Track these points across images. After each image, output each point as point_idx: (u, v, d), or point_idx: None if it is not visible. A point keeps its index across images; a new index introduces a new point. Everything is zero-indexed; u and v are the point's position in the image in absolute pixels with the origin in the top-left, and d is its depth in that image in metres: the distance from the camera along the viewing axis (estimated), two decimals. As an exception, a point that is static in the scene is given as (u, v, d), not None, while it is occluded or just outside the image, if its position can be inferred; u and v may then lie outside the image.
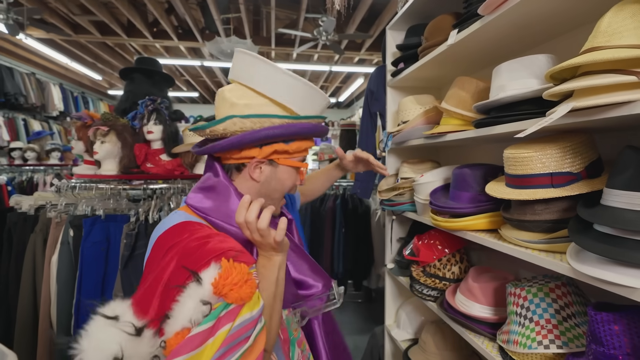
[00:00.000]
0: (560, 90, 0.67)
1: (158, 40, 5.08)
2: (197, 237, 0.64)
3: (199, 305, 0.53)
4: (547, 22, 0.96)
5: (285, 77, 0.75)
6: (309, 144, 0.82)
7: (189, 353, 0.49)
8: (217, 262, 0.58)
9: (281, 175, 0.80)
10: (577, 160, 0.79)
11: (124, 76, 2.14)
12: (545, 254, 0.79)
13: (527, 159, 0.81)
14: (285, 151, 0.77)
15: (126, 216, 1.66)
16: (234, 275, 0.56)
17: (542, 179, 0.80)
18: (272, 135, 0.73)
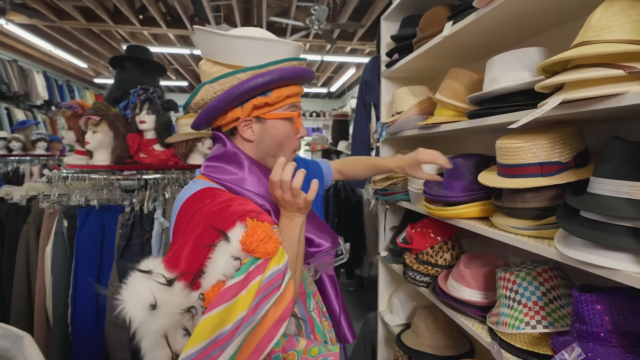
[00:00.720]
0: (552, 82, 0.69)
1: (146, 27, 4.96)
2: (219, 201, 0.68)
3: (230, 260, 0.59)
4: (539, 16, 0.98)
5: (236, 40, 0.74)
6: (291, 90, 0.79)
7: (226, 303, 0.55)
8: (242, 222, 0.63)
9: (272, 130, 0.80)
10: (565, 150, 0.82)
11: (114, 64, 2.10)
12: (534, 240, 0.83)
13: (518, 149, 0.85)
14: (265, 103, 0.77)
15: (120, 206, 1.66)
16: (260, 233, 0.61)
17: (533, 168, 0.83)
18: (241, 90, 0.73)
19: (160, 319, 0.55)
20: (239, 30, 0.77)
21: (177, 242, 0.66)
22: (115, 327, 1.56)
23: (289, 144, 0.83)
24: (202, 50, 0.81)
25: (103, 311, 1.56)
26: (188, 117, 1.96)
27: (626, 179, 0.63)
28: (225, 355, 0.54)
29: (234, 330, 0.55)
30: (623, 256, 0.61)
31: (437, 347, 1.37)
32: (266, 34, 0.79)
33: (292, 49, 0.80)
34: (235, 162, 0.78)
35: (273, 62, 0.76)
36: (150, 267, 0.59)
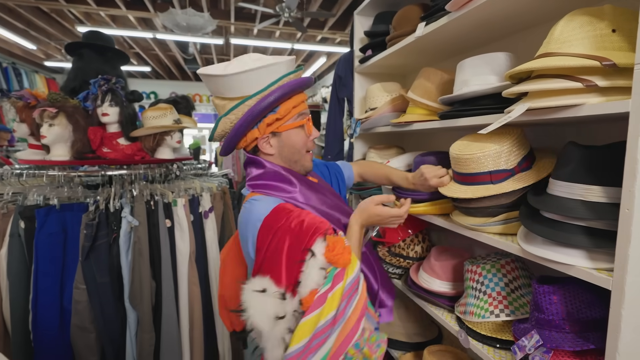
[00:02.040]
0: (517, 90, 0.74)
1: (103, 8, 4.62)
2: (293, 218, 0.80)
3: (319, 272, 0.73)
4: (508, 21, 1.03)
5: (236, 77, 0.84)
6: (295, 100, 0.89)
7: (320, 307, 0.70)
8: (321, 236, 0.77)
9: (287, 140, 0.91)
10: (511, 158, 0.89)
11: (70, 51, 1.95)
12: (499, 236, 0.89)
13: (469, 160, 0.91)
14: (276, 119, 0.87)
15: (83, 205, 1.57)
16: (338, 247, 0.74)
17: (483, 176, 0.90)
18: (253, 114, 0.85)
19: (281, 325, 0.71)
20: (235, 66, 0.86)
21: (266, 258, 0.79)
22: (81, 330, 1.50)
23: (303, 147, 0.93)
24: (210, 89, 0.93)
25: (68, 314, 1.49)
26: (155, 110, 1.87)
27: (581, 182, 0.69)
28: (324, 348, 0.69)
29: (327, 327, 0.69)
30: (577, 253, 0.67)
31: (408, 335, 1.44)
32: (260, 60, 0.87)
33: (285, 66, 0.88)
34: (282, 179, 0.90)
35: (272, 82, 0.86)
36: (264, 286, 0.74)
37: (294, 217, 0.81)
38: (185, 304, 1.72)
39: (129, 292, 1.54)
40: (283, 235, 0.78)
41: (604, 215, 0.64)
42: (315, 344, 0.69)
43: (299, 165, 0.95)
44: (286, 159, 0.93)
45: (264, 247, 0.80)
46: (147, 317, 1.58)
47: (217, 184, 2.03)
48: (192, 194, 1.82)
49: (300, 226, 0.79)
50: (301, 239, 0.77)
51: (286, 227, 0.79)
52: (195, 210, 1.80)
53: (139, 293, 1.55)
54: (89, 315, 1.48)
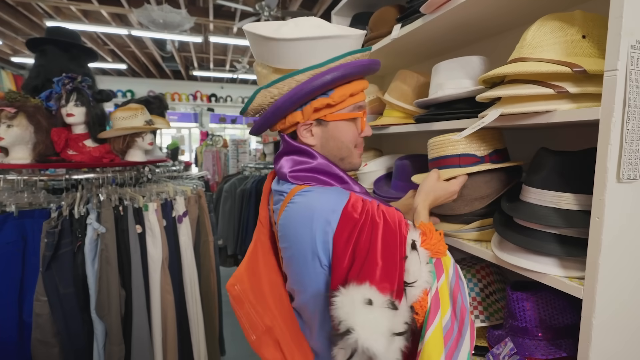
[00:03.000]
0: (490, 96, 0.72)
1: (74, 2, 4.42)
2: (372, 208, 0.66)
3: (425, 267, 0.64)
4: (482, 25, 1.02)
5: (290, 43, 0.68)
6: (355, 87, 0.73)
7: (439, 309, 0.61)
8: (407, 227, 0.67)
9: (335, 132, 0.75)
10: (482, 145, 0.87)
11: (32, 48, 1.84)
12: (474, 243, 0.88)
13: (441, 142, 0.90)
14: (327, 105, 0.72)
15: (46, 211, 1.48)
16: (434, 236, 0.68)
17: (452, 159, 0.89)
18: (301, 93, 0.69)
19: (398, 342, 0.55)
20: (290, 29, 0.69)
21: (357, 258, 0.62)
22: (43, 345, 1.41)
23: (352, 142, 0.78)
24: (254, 52, 0.75)
25: (28, 328, 1.40)
26: (125, 110, 1.78)
27: (553, 189, 0.68)
28: (463, 350, 0.61)
29: (450, 329, 0.61)
30: (550, 261, 0.67)
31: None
32: (321, 28, 0.71)
33: (352, 42, 0.72)
34: (334, 176, 0.74)
35: (333, 59, 0.69)
36: (368, 296, 0.56)
37: (372, 207, 0.66)
38: (157, 312, 1.65)
39: (95, 302, 1.46)
40: (372, 229, 0.63)
41: (575, 223, 0.63)
42: (449, 350, 0.59)
43: (346, 163, 0.79)
44: (330, 154, 0.77)
45: (350, 247, 0.62)
46: (115, 328, 1.50)
47: (192, 187, 1.96)
48: (165, 197, 1.75)
49: (385, 216, 0.65)
50: (393, 231, 0.64)
51: (370, 218, 0.64)
52: (168, 214, 1.73)
53: (107, 303, 1.47)
54: (52, 329, 1.40)
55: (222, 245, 3.27)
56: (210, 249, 2.01)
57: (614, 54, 0.53)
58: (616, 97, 0.54)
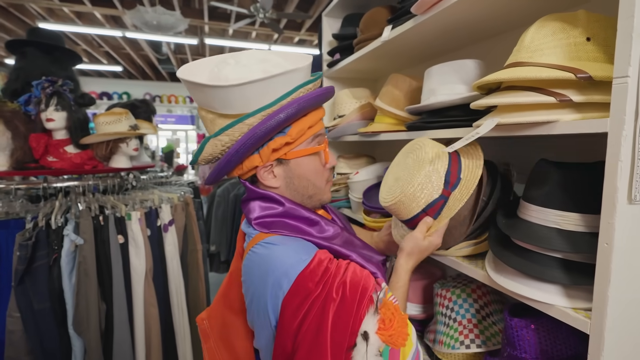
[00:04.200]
0: (485, 104, 0.66)
1: (66, 3, 4.36)
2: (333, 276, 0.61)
3: (375, 359, 0.56)
4: (475, 27, 0.96)
5: (233, 89, 0.63)
6: (312, 118, 0.69)
7: None
8: (371, 305, 0.59)
9: (298, 170, 0.71)
10: (435, 184, 0.75)
11: (12, 50, 1.77)
12: (467, 261, 0.81)
13: (398, 206, 0.77)
14: (286, 143, 0.67)
15: (21, 221, 1.41)
16: (395, 322, 0.58)
17: (422, 216, 0.76)
18: (255, 138, 0.63)
19: None
20: (233, 70, 0.64)
21: (304, 340, 0.57)
22: (17, 363, 1.33)
23: (320, 179, 0.74)
24: (195, 99, 0.70)
25: (1, 345, 1.33)
26: (109, 115, 1.71)
27: (555, 208, 0.61)
28: None
29: None
30: (553, 288, 0.60)
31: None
32: (269, 63, 0.66)
33: (303, 74, 0.67)
34: (304, 220, 0.71)
35: (284, 95, 0.65)
36: None
37: (333, 275, 0.60)
38: (141, 326, 1.57)
39: (72, 317, 1.39)
40: (323, 305, 0.57)
41: (581, 248, 0.57)
42: None
43: (315, 201, 0.75)
44: (297, 193, 0.72)
45: (297, 318, 0.57)
46: (95, 344, 1.43)
47: (180, 194, 1.89)
48: (150, 206, 1.67)
49: (344, 291, 0.59)
50: (348, 312, 0.57)
51: (327, 292, 0.58)
52: (152, 223, 1.66)
53: (85, 318, 1.40)
54: (25, 346, 1.32)
55: (214, 251, 3.19)
56: (198, 257, 1.93)
57: (624, 59, 0.47)
58: (627, 107, 0.47)
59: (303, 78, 0.67)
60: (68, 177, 1.68)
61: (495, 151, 0.94)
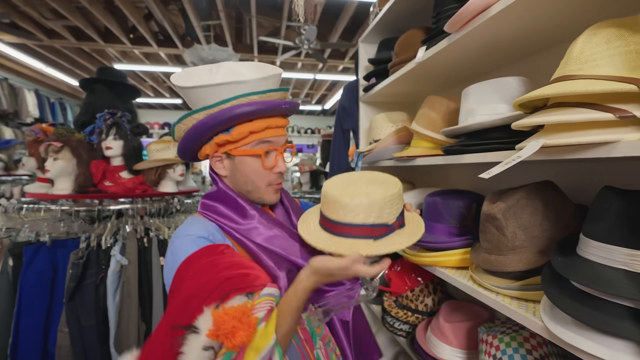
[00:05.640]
0: (529, 123, 0.58)
1: (137, 46, 4.94)
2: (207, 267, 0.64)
3: (201, 353, 0.54)
4: (518, 42, 0.88)
5: (189, 90, 0.75)
6: (256, 125, 0.76)
7: None
8: (213, 302, 0.58)
9: (240, 166, 0.79)
10: (396, 210, 0.73)
11: (84, 87, 2.00)
12: (517, 304, 0.70)
13: (360, 206, 0.71)
14: (227, 141, 0.76)
15: (78, 241, 1.52)
16: (228, 322, 0.54)
17: (363, 230, 0.71)
18: (197, 130, 0.75)
19: None
20: (201, 78, 0.78)
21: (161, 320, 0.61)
22: (64, 378, 1.40)
23: (261, 179, 0.80)
24: None
25: (52, 359, 1.41)
26: (159, 143, 1.85)
27: (623, 245, 0.51)
28: None
29: None
30: (624, 346, 0.48)
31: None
32: (227, 74, 0.78)
33: (249, 85, 0.76)
34: (234, 207, 0.78)
35: (223, 100, 0.75)
36: None
37: (208, 267, 0.64)
38: (176, 349, 1.59)
39: (114, 336, 1.44)
40: (177, 297, 0.62)
41: (659, 297, 0.45)
42: None
43: (255, 197, 0.81)
44: (238, 186, 0.81)
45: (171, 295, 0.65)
46: (133, 364, 1.46)
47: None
48: (191, 229, 1.73)
49: (198, 284, 0.61)
50: (187, 306, 0.59)
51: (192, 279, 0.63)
52: (192, 246, 1.71)
53: (126, 337, 1.45)
54: (71, 362, 1.39)
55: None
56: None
57: (703, 64, 0.38)
58: None
59: (251, 88, 0.76)
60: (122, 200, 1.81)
61: (550, 177, 0.83)
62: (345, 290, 0.77)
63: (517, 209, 0.71)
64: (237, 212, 0.78)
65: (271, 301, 0.61)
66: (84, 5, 3.81)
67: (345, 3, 3.76)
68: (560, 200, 0.74)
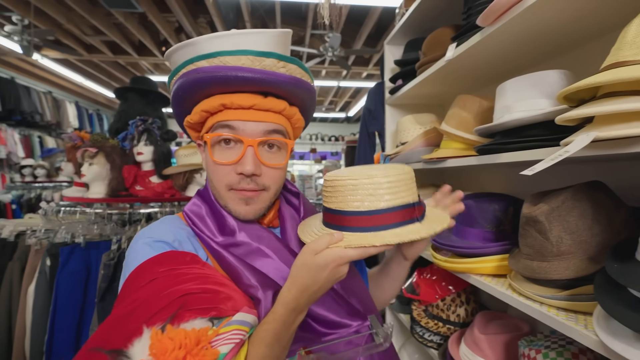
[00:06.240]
0: (577, 115, 0.53)
1: (168, 58, 5.15)
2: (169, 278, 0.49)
3: None
4: (559, 33, 0.83)
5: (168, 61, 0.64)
6: (210, 103, 0.57)
7: None
8: (161, 322, 0.43)
9: (206, 158, 0.62)
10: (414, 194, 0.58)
11: (118, 96, 2.10)
12: (565, 315, 0.63)
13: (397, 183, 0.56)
14: (188, 122, 0.61)
15: (109, 243, 1.57)
16: (170, 354, 0.39)
17: (393, 215, 0.54)
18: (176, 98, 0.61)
19: None
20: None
21: None
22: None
23: (217, 179, 0.60)
24: None
25: (84, 358, 1.45)
26: (187, 148, 1.89)
27: (694, 250, 0.45)
28: None
29: None
30: (698, 366, 0.42)
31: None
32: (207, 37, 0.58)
33: (199, 47, 0.57)
34: (212, 211, 0.61)
35: (173, 71, 0.60)
36: None
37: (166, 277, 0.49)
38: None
39: (142, 337, 1.46)
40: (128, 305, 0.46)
41: None
42: None
43: (222, 203, 0.61)
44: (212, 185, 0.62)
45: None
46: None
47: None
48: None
49: (146, 297, 0.46)
50: (122, 324, 0.44)
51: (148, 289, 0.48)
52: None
53: (153, 339, 1.47)
54: (101, 361, 1.42)
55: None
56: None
57: None
58: None
59: (200, 51, 0.57)
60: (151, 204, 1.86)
61: (596, 175, 0.76)
62: (347, 334, 0.59)
63: (563, 211, 0.65)
64: (215, 219, 0.61)
65: (243, 332, 0.45)
66: (121, 21, 4.03)
67: (369, 9, 3.76)
68: (612, 202, 0.67)
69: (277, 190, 0.64)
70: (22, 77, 5.53)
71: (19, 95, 5.26)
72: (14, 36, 3.85)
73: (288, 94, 0.60)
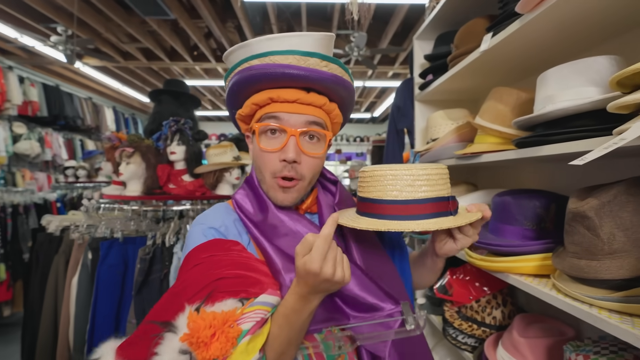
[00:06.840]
0: (634, 100, 0.49)
1: (198, 63, 5.33)
2: (202, 262, 0.58)
3: (177, 357, 0.48)
4: (606, 17, 0.77)
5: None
6: (260, 97, 0.63)
7: None
8: (198, 301, 0.52)
9: (254, 147, 0.68)
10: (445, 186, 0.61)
11: (153, 98, 2.19)
12: (619, 318, 0.59)
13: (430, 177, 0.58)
14: (240, 115, 0.67)
15: (145, 238, 1.64)
16: (202, 331, 0.47)
17: (429, 206, 0.57)
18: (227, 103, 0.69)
19: None
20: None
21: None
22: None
23: (264, 165, 0.65)
24: None
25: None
26: (217, 147, 1.94)
27: None
28: None
29: None
30: None
31: None
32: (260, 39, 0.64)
33: (252, 48, 0.64)
34: (255, 197, 0.69)
35: (230, 69, 0.67)
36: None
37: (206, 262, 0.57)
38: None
39: (175, 330, 1.51)
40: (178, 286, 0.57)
41: None
42: None
43: (266, 191, 0.67)
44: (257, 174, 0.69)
45: None
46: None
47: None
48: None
49: (190, 279, 0.56)
50: (172, 301, 0.54)
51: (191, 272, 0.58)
52: (247, 248, 1.75)
53: (185, 332, 1.51)
54: (137, 352, 1.48)
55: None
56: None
57: None
58: None
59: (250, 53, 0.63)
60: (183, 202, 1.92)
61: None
62: (380, 317, 0.60)
63: (615, 206, 0.61)
64: (256, 203, 0.68)
65: (265, 311, 0.52)
66: (154, 28, 4.21)
67: (395, 7, 3.71)
68: (671, 196, 0.62)
69: (312, 179, 0.68)
70: (65, 85, 5.90)
71: (62, 101, 5.63)
72: (59, 46, 4.11)
73: (328, 91, 0.65)
